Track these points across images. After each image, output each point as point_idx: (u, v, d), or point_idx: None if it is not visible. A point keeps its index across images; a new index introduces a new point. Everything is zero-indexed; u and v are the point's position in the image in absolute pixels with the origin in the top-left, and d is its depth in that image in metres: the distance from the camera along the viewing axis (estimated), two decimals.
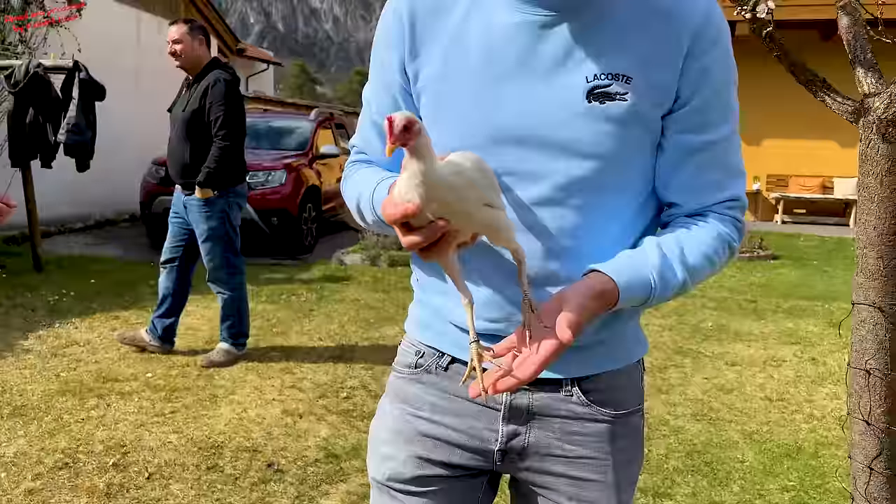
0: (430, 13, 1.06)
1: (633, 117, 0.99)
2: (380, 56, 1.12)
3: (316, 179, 9.21)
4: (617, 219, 1.05)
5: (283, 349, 4.62)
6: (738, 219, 1.08)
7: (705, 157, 1.04)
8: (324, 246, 9.16)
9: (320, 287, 6.53)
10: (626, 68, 0.98)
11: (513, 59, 1.00)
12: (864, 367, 1.97)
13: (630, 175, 1.04)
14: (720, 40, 1.00)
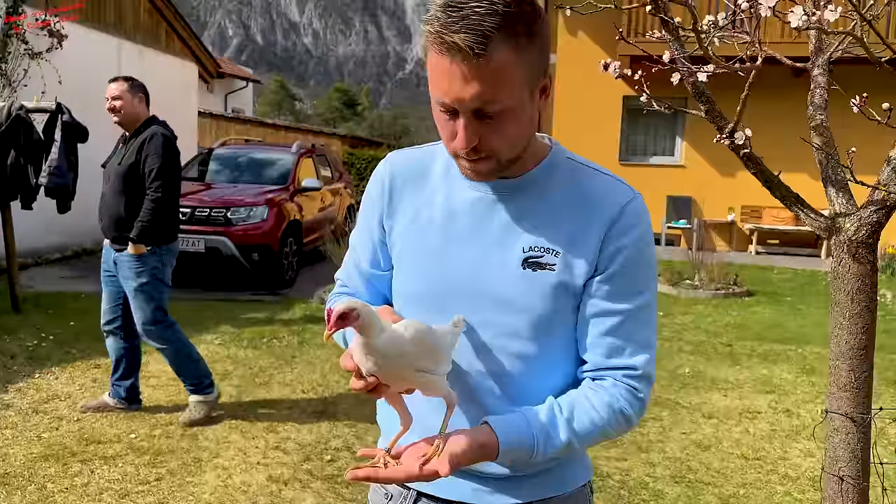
0: (408, 182, 1.30)
1: (559, 284, 1.18)
2: (366, 210, 1.35)
3: (297, 213, 9.23)
4: (552, 367, 1.22)
5: (266, 403, 4.64)
6: (635, 388, 1.19)
7: (609, 323, 1.18)
8: (304, 278, 9.17)
9: (301, 329, 6.55)
10: (555, 243, 1.18)
11: (467, 228, 1.22)
12: (838, 474, 2.05)
13: (561, 331, 1.21)
14: (634, 229, 1.18)
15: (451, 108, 1.10)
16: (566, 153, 1.26)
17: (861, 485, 2.00)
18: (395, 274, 1.31)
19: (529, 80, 1.09)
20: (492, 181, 1.21)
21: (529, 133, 1.16)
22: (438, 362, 1.12)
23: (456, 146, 1.13)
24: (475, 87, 1.04)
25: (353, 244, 1.40)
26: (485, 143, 1.11)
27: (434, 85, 1.11)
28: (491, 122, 1.09)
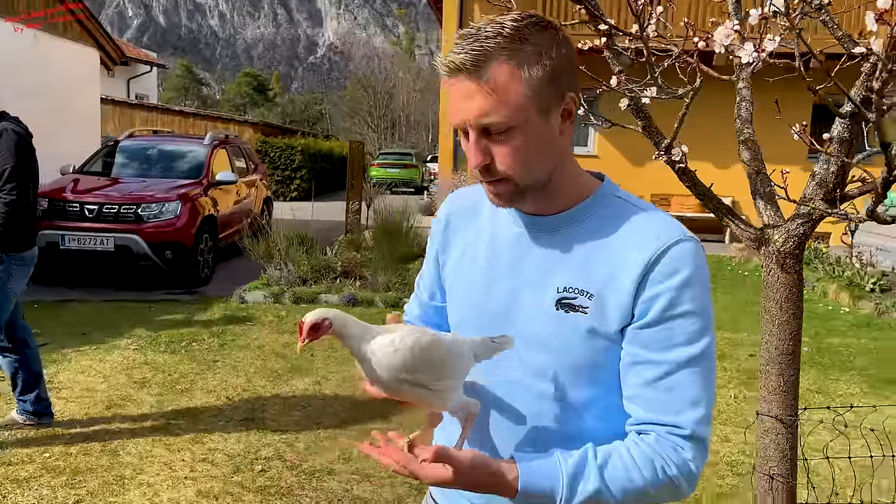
0: (461, 218, 1.35)
1: (592, 329, 1.13)
2: (429, 244, 1.43)
3: (212, 208, 8.92)
4: (584, 413, 1.17)
5: (190, 412, 4.47)
6: (681, 447, 1.10)
7: (649, 374, 1.12)
8: (221, 275, 8.90)
9: (222, 331, 6.35)
10: (590, 285, 1.14)
11: (507, 264, 1.23)
12: (768, 473, 2.16)
13: (595, 377, 1.16)
14: (675, 275, 1.11)
15: (464, 129, 1.13)
16: (616, 191, 1.23)
17: (789, 483, 2.11)
18: (448, 306, 1.35)
19: (536, 100, 1.09)
20: (531, 216, 1.22)
21: (549, 157, 1.15)
22: (442, 377, 1.08)
23: (469, 165, 1.15)
24: (476, 102, 1.08)
25: (421, 274, 1.47)
26: (497, 162, 1.13)
27: (450, 111, 1.15)
28: (499, 141, 1.11)
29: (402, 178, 26.29)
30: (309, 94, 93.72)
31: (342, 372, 5.28)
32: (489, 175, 1.14)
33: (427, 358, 1.05)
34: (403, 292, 7.53)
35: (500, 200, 1.18)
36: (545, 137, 1.12)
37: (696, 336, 1.11)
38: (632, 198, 1.21)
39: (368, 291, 7.52)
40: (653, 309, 1.11)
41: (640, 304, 1.11)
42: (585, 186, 1.21)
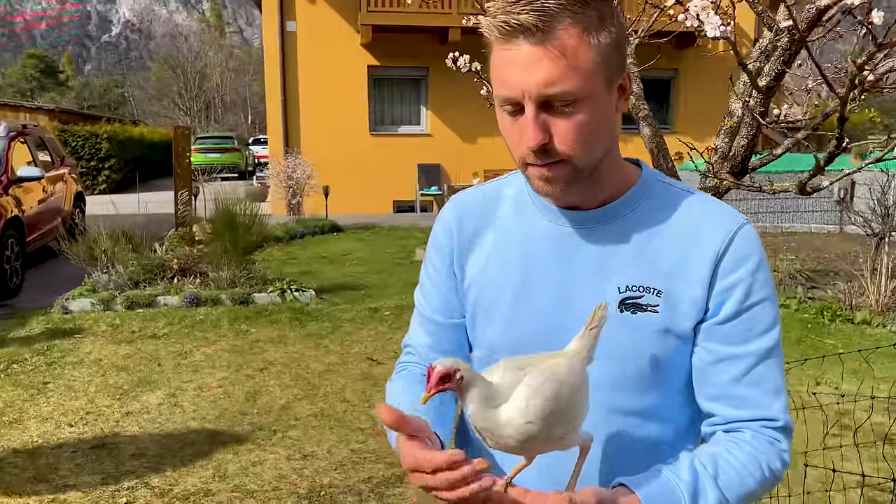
0: (478, 224, 1.18)
1: (665, 328, 1.04)
2: (431, 261, 1.23)
3: (15, 208, 7.87)
4: (658, 422, 1.08)
5: (26, 447, 3.89)
6: (777, 439, 1.06)
7: (735, 370, 1.05)
8: (33, 283, 7.90)
9: (47, 347, 5.62)
10: (656, 282, 1.05)
11: (550, 267, 1.09)
12: None
13: (669, 381, 1.08)
14: (748, 260, 1.05)
15: (517, 103, 0.97)
16: (657, 175, 1.13)
17: None
18: (473, 323, 1.18)
19: (604, 69, 0.97)
20: (573, 211, 1.08)
21: (608, 137, 1.03)
22: (573, 421, 0.94)
23: (526, 145, 0.98)
24: (542, 69, 0.94)
25: (419, 299, 1.28)
26: (556, 141, 0.98)
27: (498, 84, 0.99)
28: (562, 115, 0.97)
29: (224, 164, 24.95)
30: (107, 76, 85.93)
31: (197, 380, 4.87)
32: (546, 156, 0.99)
33: (560, 413, 0.91)
34: (252, 287, 7.11)
35: (551, 187, 1.03)
36: (608, 112, 1.01)
37: (773, 322, 1.07)
38: (675, 182, 1.13)
39: (212, 289, 7.01)
40: (730, 300, 1.04)
41: (715, 296, 1.04)
42: (628, 173, 1.12)
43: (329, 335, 5.97)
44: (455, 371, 0.87)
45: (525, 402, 0.88)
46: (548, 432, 0.89)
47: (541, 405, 0.88)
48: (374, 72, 13.77)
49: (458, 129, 13.73)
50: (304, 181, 12.48)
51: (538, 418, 0.88)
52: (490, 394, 0.89)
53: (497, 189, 1.20)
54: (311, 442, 3.95)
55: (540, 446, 0.91)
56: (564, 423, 0.92)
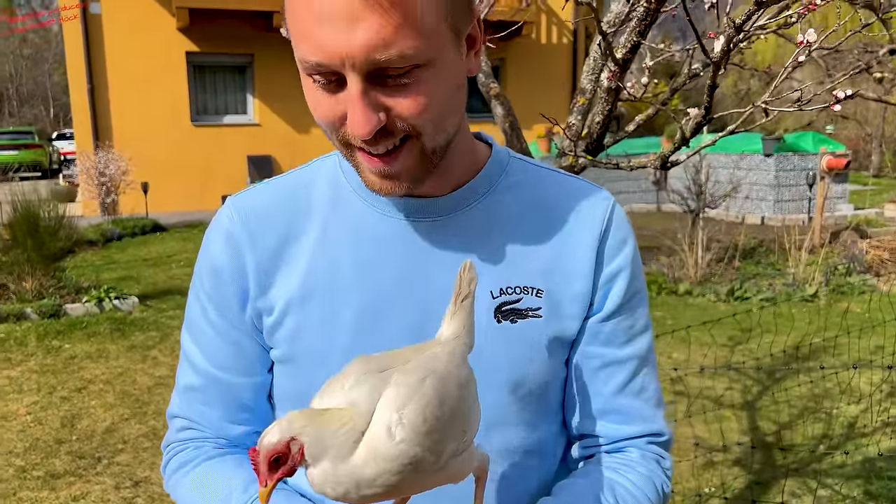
0: (279, 230, 0.88)
1: (552, 336, 0.86)
2: (207, 295, 0.90)
3: None
4: (549, 457, 0.92)
5: None
6: (661, 456, 0.93)
7: (619, 378, 0.90)
8: None
9: None
10: (534, 279, 0.85)
11: (396, 274, 0.84)
12: None
13: (550, 400, 0.90)
14: (627, 244, 0.90)
15: (332, 72, 0.71)
16: (510, 152, 0.92)
17: None
18: (293, 373, 0.87)
19: (451, 18, 0.73)
20: (414, 200, 0.84)
21: (460, 105, 0.79)
22: (469, 422, 0.70)
23: (352, 131, 0.73)
24: (370, 26, 0.68)
25: (191, 353, 0.92)
26: (396, 117, 0.73)
27: (304, 44, 0.71)
28: (399, 86, 0.72)
29: (24, 161, 22.43)
30: None
31: (0, 409, 4.23)
32: (383, 142, 0.75)
33: (448, 422, 0.66)
34: (63, 297, 6.34)
35: (393, 184, 0.78)
36: (460, 75, 0.78)
37: (648, 318, 0.93)
38: (531, 159, 0.95)
39: (14, 303, 6.17)
40: (614, 291, 0.88)
41: (600, 287, 0.87)
42: (478, 151, 0.91)
43: (157, 345, 5.45)
44: (288, 442, 0.61)
45: (395, 415, 0.63)
46: (434, 453, 0.65)
47: (420, 413, 0.64)
48: (193, 58, 12.88)
49: (290, 118, 13.21)
50: (120, 178, 11.42)
51: (418, 433, 0.63)
52: (338, 441, 0.63)
53: (300, 181, 0.91)
54: (143, 466, 3.54)
55: (423, 480, 0.66)
56: (456, 436, 0.67)
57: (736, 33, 1.02)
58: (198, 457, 0.91)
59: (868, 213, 10.45)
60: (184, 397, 0.93)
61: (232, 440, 0.92)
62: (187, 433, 0.93)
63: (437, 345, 0.72)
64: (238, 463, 0.90)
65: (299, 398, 0.86)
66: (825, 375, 4.42)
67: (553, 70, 14.63)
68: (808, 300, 6.34)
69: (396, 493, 0.66)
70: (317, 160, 0.94)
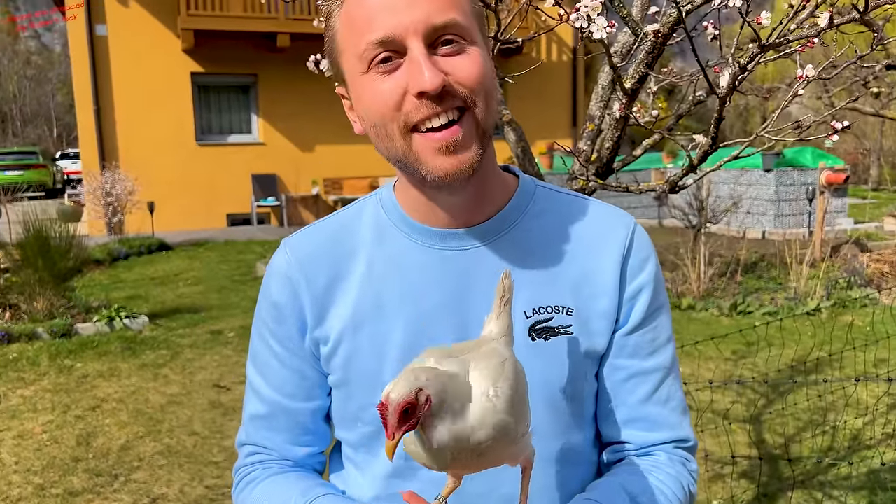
0: (329, 268, 0.97)
1: (583, 351, 0.94)
2: (270, 331, 1.00)
3: None
4: (584, 464, 0.99)
5: None
6: (687, 459, 1.00)
7: (645, 388, 0.98)
8: None
9: None
10: (564, 298, 0.93)
11: (437, 299, 0.92)
12: None
13: (584, 411, 0.98)
14: (649, 261, 0.98)
15: (394, 48, 0.81)
16: (535, 181, 1.01)
17: None
18: (347, 397, 0.95)
19: (478, 21, 0.87)
20: (452, 231, 0.92)
21: (497, 93, 0.89)
22: (529, 408, 0.78)
23: (417, 89, 0.80)
24: (424, 3, 0.81)
25: (256, 383, 1.02)
26: (457, 78, 0.82)
27: (359, 34, 0.82)
28: (453, 53, 0.83)
29: (29, 181, 22.58)
30: None
31: (16, 428, 4.29)
32: (445, 105, 0.82)
33: (521, 402, 0.75)
34: (74, 317, 6.42)
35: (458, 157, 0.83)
36: (491, 63, 0.89)
37: (671, 331, 1.00)
38: (554, 186, 1.03)
39: (26, 323, 6.25)
40: (637, 307, 0.96)
41: (624, 303, 0.95)
42: (506, 180, 0.99)
43: (168, 363, 5.52)
44: (417, 393, 0.65)
45: (492, 388, 0.70)
46: (515, 426, 0.72)
47: (508, 389, 0.71)
48: (198, 79, 13.04)
49: (294, 137, 13.34)
50: (126, 197, 11.55)
51: (510, 404, 0.71)
52: (457, 394, 0.68)
53: (345, 221, 1.00)
54: (159, 483, 3.59)
55: (501, 451, 0.73)
56: (525, 418, 0.76)
57: (741, 72, 1.10)
58: (264, 474, 1.00)
59: (868, 227, 10.53)
60: (251, 426, 1.02)
61: (297, 461, 1.02)
62: (255, 457, 1.02)
63: (492, 340, 0.80)
64: (300, 477, 0.99)
65: (356, 418, 0.96)
66: (830, 389, 4.48)
67: (553, 88, 14.78)
68: (810, 314, 6.41)
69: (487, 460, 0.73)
70: (360, 200, 1.03)
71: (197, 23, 11.98)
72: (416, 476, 0.95)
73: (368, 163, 13.50)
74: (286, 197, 13.21)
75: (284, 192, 13.39)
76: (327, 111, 12.74)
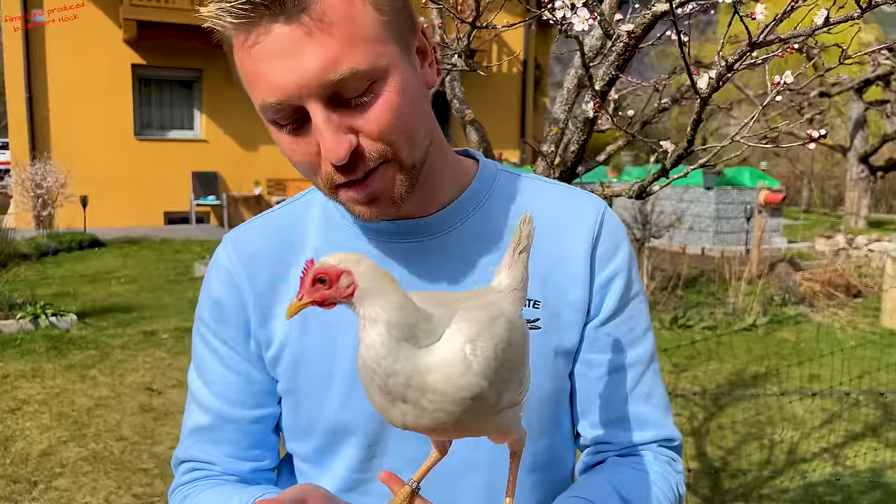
0: (274, 262, 0.90)
1: (553, 348, 0.87)
2: (212, 331, 0.92)
3: None
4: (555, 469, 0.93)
5: None
6: (673, 459, 0.95)
7: (625, 383, 0.92)
8: None
9: None
10: (531, 291, 0.83)
11: None
12: None
13: (557, 411, 0.91)
14: (622, 246, 0.92)
15: (294, 108, 0.72)
16: (498, 165, 0.94)
17: None
18: (296, 404, 0.88)
19: (393, 30, 0.75)
20: (404, 222, 0.84)
21: (426, 118, 0.80)
22: (525, 377, 0.69)
23: (328, 162, 0.73)
24: (315, 50, 0.70)
25: (198, 390, 0.93)
26: (367, 138, 0.74)
27: (258, 90, 0.73)
28: (360, 105, 0.73)
29: None
30: None
31: None
32: (360, 167, 0.76)
33: (512, 368, 0.65)
34: None
35: (380, 208, 0.79)
36: (418, 86, 0.79)
37: (648, 321, 0.95)
38: (515, 170, 0.96)
39: None
40: (610, 296, 0.90)
41: (596, 292, 0.89)
42: (463, 165, 0.93)
43: (97, 365, 5.25)
44: (341, 273, 0.59)
45: (470, 344, 0.61)
46: (496, 393, 0.62)
47: (491, 350, 0.61)
48: (140, 71, 12.60)
49: (237, 135, 13.00)
50: (57, 190, 11.03)
51: (488, 367, 0.61)
52: (410, 318, 0.60)
53: (292, 214, 0.93)
54: (83, 491, 3.38)
55: (474, 421, 0.64)
56: (514, 386, 0.66)
57: (727, 71, 1.07)
58: (203, 487, 0.91)
59: (801, 247, 10.91)
60: (190, 439, 0.93)
61: (242, 477, 0.92)
62: (194, 474, 0.93)
63: (497, 293, 0.71)
64: (243, 486, 0.90)
65: (306, 428, 0.88)
66: (767, 403, 4.57)
67: (503, 100, 14.86)
68: (747, 329, 6.56)
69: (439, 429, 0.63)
70: (309, 191, 0.95)
71: (140, 13, 11.59)
72: (370, 491, 0.88)
73: None
74: (227, 196, 12.87)
75: (226, 191, 13.04)
76: None
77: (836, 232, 11.21)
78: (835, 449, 3.99)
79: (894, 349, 5.82)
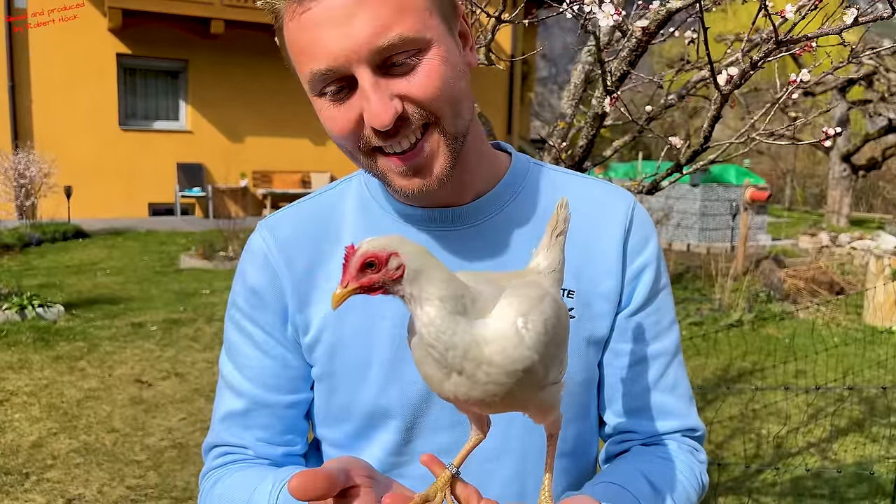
0: (312, 249, 0.91)
1: (586, 337, 0.90)
2: (247, 317, 0.92)
3: None
4: (583, 456, 0.96)
5: None
6: (696, 449, 0.97)
7: (651, 374, 0.94)
8: None
9: None
10: (565, 281, 0.84)
11: None
12: None
13: (586, 400, 0.94)
14: (651, 239, 0.94)
15: (342, 76, 0.74)
16: (529, 158, 0.95)
17: None
18: (331, 389, 0.87)
19: (439, 7, 0.77)
20: (441, 210, 0.85)
21: (468, 92, 0.82)
22: (566, 356, 0.70)
23: (371, 125, 0.74)
24: (366, 16, 0.72)
25: (230, 375, 0.93)
26: (413, 100, 0.75)
27: (306, 59, 0.75)
28: (407, 70, 0.75)
29: None
30: None
31: None
32: (404, 132, 0.77)
33: (558, 344, 0.65)
34: None
35: (423, 179, 0.79)
36: (461, 63, 0.81)
37: (674, 314, 0.97)
38: (546, 164, 0.98)
39: None
40: (640, 287, 0.92)
41: (627, 283, 0.92)
42: (497, 156, 0.94)
43: (85, 356, 5.21)
44: (390, 256, 0.59)
45: (522, 318, 0.61)
46: (544, 367, 0.63)
47: (541, 325, 0.62)
48: (124, 60, 12.45)
49: (224, 126, 12.91)
50: (41, 180, 10.89)
51: (539, 342, 0.61)
52: (458, 292, 0.60)
53: (328, 202, 0.94)
54: (75, 483, 3.36)
55: (524, 394, 0.64)
56: (558, 363, 0.67)
57: (751, 68, 1.09)
58: (233, 469, 0.91)
59: (784, 244, 11.04)
60: (222, 425, 0.93)
61: (273, 461, 0.93)
62: (225, 458, 0.93)
63: (537, 273, 0.72)
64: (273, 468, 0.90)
65: (340, 413, 0.89)
66: (754, 398, 4.63)
67: (489, 97, 14.85)
68: (733, 325, 6.63)
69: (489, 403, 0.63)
70: (343, 181, 0.96)
71: (125, 2, 11.43)
72: (404, 474, 0.89)
73: (300, 157, 13.24)
74: (213, 188, 12.77)
75: (211, 182, 12.94)
76: (260, 102, 12.43)
77: (818, 230, 11.36)
78: (821, 443, 4.05)
79: (877, 346, 5.92)
